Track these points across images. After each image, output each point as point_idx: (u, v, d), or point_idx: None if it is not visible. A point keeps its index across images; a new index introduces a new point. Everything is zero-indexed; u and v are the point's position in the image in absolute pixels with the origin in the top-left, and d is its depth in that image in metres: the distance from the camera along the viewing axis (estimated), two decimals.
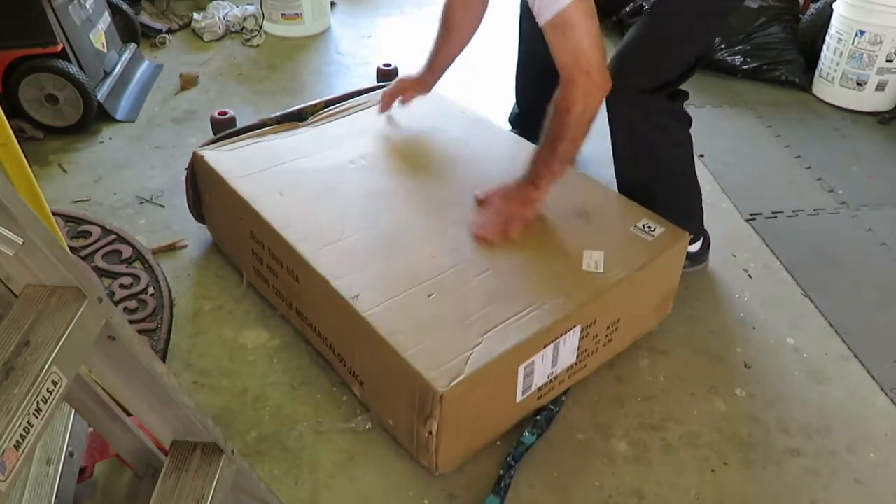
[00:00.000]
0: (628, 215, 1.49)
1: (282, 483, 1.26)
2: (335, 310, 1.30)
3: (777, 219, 1.99)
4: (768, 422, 1.40)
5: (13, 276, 0.63)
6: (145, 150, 2.17)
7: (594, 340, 1.37)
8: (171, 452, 0.84)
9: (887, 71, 2.47)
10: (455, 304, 1.26)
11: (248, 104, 2.42)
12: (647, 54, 1.51)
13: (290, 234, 1.39)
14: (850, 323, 1.64)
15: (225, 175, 1.55)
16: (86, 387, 0.88)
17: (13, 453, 0.53)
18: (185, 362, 1.48)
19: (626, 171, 1.67)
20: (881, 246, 1.92)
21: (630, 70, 1.49)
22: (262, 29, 2.92)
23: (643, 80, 1.51)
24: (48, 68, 2.11)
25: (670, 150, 1.61)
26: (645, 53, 1.51)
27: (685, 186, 1.68)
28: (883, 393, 1.48)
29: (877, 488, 1.30)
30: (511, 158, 1.66)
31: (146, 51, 2.74)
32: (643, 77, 1.51)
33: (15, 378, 0.56)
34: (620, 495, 1.26)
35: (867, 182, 2.19)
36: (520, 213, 1.42)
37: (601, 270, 1.35)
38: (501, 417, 1.31)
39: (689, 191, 1.70)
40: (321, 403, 1.40)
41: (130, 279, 1.64)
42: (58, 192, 1.95)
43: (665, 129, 1.58)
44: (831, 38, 2.56)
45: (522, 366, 1.23)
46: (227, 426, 1.35)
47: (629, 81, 1.46)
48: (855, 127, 2.49)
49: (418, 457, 1.26)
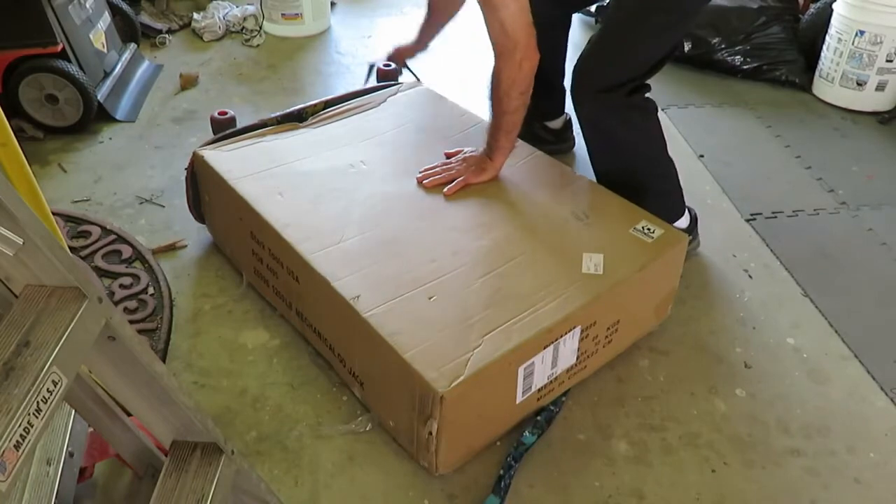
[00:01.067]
0: (627, 217, 1.48)
1: (282, 483, 1.26)
2: (336, 310, 1.30)
3: (777, 219, 1.99)
4: (768, 422, 1.40)
5: (13, 276, 0.63)
6: (145, 150, 2.17)
7: (594, 342, 1.37)
8: (171, 452, 0.84)
9: (887, 71, 2.47)
10: (456, 306, 1.26)
11: (248, 104, 2.42)
12: (606, 53, 1.57)
13: (290, 234, 1.39)
14: (850, 323, 1.64)
15: (225, 175, 1.55)
16: (86, 387, 0.88)
17: (13, 453, 0.53)
18: (185, 362, 1.48)
19: (602, 165, 1.72)
20: (881, 246, 1.91)
21: (590, 69, 1.57)
22: (262, 29, 2.92)
23: (602, 79, 1.55)
24: (48, 68, 2.11)
25: (640, 142, 1.65)
26: (603, 52, 1.57)
27: (661, 170, 1.71)
28: (883, 393, 1.48)
29: (877, 488, 1.30)
30: (510, 158, 1.66)
31: (146, 51, 2.74)
32: (602, 76, 1.56)
33: (15, 378, 0.56)
34: (620, 495, 1.26)
35: (867, 182, 2.19)
36: (467, 177, 1.55)
37: (600, 273, 1.35)
38: (501, 418, 1.31)
39: (666, 173, 1.72)
40: (321, 404, 1.40)
41: (130, 279, 1.64)
42: (58, 192, 1.95)
43: (632, 123, 1.62)
44: (831, 38, 2.56)
45: (522, 367, 1.23)
46: (227, 426, 1.34)
47: (590, 80, 1.56)
48: (855, 127, 2.49)
49: (418, 457, 1.26)
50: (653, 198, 1.58)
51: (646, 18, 1.50)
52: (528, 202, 1.53)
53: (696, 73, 2.72)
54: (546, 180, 1.61)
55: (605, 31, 1.58)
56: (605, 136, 1.66)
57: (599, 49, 1.57)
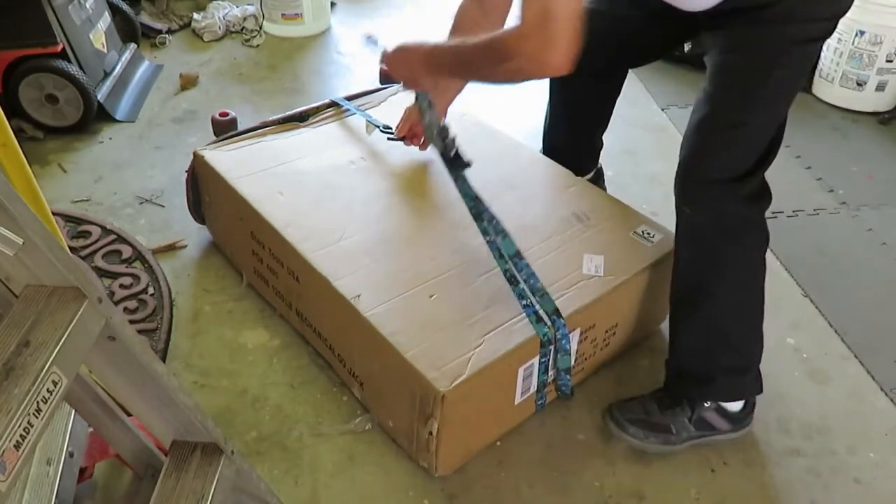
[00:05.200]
0: (628, 221, 1.48)
1: (282, 483, 1.25)
2: (336, 310, 1.30)
3: (777, 219, 1.99)
4: (768, 422, 1.40)
5: (13, 276, 0.63)
6: (145, 150, 2.17)
7: (592, 344, 1.37)
8: (171, 452, 0.84)
9: (887, 71, 2.47)
10: (456, 305, 1.26)
11: (248, 104, 2.42)
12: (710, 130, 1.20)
13: (290, 234, 1.39)
14: (850, 323, 1.64)
15: (225, 175, 1.55)
16: (86, 387, 0.88)
17: (13, 453, 0.53)
18: (185, 362, 1.48)
19: (678, 279, 1.32)
20: (881, 246, 1.91)
21: (695, 155, 1.21)
22: (262, 29, 2.91)
23: (710, 165, 1.20)
24: (48, 68, 2.10)
25: (742, 274, 1.25)
26: (706, 130, 1.20)
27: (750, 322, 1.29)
28: (883, 393, 1.48)
29: (877, 488, 1.30)
30: (511, 159, 1.66)
31: (146, 51, 2.74)
32: (710, 162, 1.20)
33: (15, 378, 0.56)
34: (620, 495, 1.26)
35: (867, 182, 2.19)
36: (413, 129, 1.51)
37: (601, 274, 1.35)
38: (499, 419, 1.31)
39: (753, 330, 1.30)
40: (321, 404, 1.40)
41: (130, 279, 1.64)
42: (58, 192, 1.95)
43: (743, 243, 1.23)
44: (831, 38, 2.55)
45: (522, 367, 1.23)
46: (227, 426, 1.34)
47: (697, 169, 1.21)
48: (855, 127, 2.49)
49: (418, 458, 1.26)
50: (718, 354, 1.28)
51: (764, 77, 1.14)
52: (530, 202, 1.53)
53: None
54: (547, 181, 1.61)
55: (706, 96, 1.21)
56: (704, 256, 1.25)
57: (708, 124, 1.20)
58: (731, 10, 1.13)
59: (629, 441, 1.31)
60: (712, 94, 1.19)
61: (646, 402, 1.35)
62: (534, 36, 1.04)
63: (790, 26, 1.11)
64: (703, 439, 1.33)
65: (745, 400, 1.34)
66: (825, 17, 1.13)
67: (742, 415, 1.34)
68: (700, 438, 1.32)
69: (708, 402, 1.31)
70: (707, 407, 1.31)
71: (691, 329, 1.30)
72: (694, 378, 1.31)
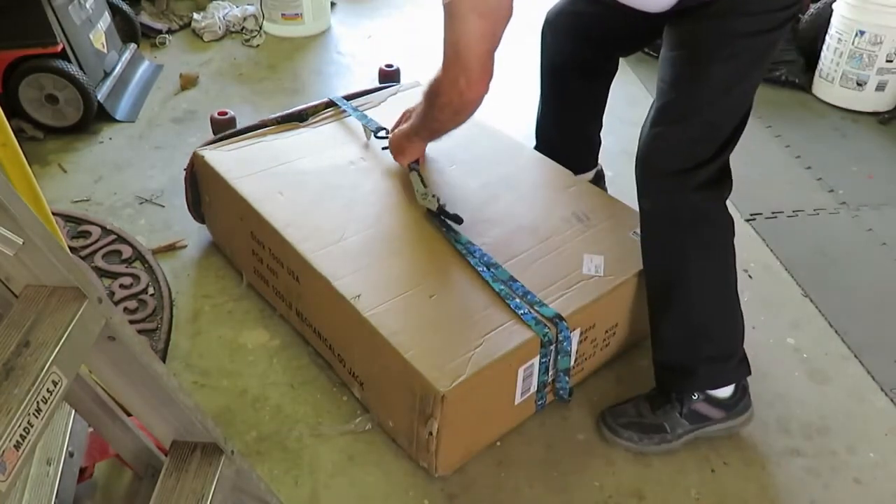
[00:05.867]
0: (628, 221, 1.48)
1: (282, 483, 1.25)
2: (336, 310, 1.30)
3: (777, 219, 1.99)
4: (768, 422, 1.40)
5: (13, 276, 0.63)
6: (145, 150, 2.17)
7: (592, 344, 1.37)
8: (171, 452, 0.84)
9: (887, 71, 2.47)
10: (456, 305, 1.26)
11: (248, 104, 2.42)
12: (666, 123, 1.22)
13: (290, 234, 1.39)
14: (850, 323, 1.64)
15: (225, 175, 1.55)
16: (86, 387, 0.88)
17: (13, 453, 0.53)
18: (185, 362, 1.48)
19: (647, 274, 1.34)
20: (881, 246, 1.91)
21: (652, 146, 1.23)
22: (262, 29, 2.91)
23: (666, 158, 1.22)
24: (48, 68, 2.10)
25: (707, 268, 1.27)
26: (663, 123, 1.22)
27: (724, 308, 1.31)
28: (883, 393, 1.48)
29: (877, 488, 1.30)
30: (511, 159, 1.66)
31: (146, 51, 2.74)
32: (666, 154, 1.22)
33: (15, 378, 0.56)
34: (620, 495, 1.26)
35: (867, 182, 2.19)
36: (395, 157, 1.58)
37: (601, 274, 1.35)
38: (499, 419, 1.31)
39: (728, 316, 1.32)
40: (321, 404, 1.40)
41: (130, 279, 1.64)
42: (58, 192, 1.95)
43: (701, 238, 1.25)
44: (831, 38, 2.56)
45: (522, 367, 1.23)
46: (227, 426, 1.35)
47: (654, 162, 1.23)
48: (855, 127, 2.49)
49: (418, 458, 1.26)
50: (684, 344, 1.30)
51: (704, 71, 1.16)
52: (530, 202, 1.53)
53: None
54: (547, 181, 1.61)
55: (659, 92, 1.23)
56: (665, 249, 1.28)
57: (658, 118, 1.22)
58: (682, 10, 1.17)
59: (624, 445, 1.32)
60: (661, 90, 1.22)
61: (639, 402, 1.36)
62: (450, 68, 1.22)
63: (733, 20, 1.13)
64: (699, 431, 1.33)
65: (735, 385, 1.34)
66: (773, 9, 1.13)
67: (733, 401, 1.33)
68: (696, 431, 1.33)
69: (695, 393, 1.32)
70: (696, 399, 1.32)
71: (667, 322, 1.31)
72: (677, 371, 1.33)
